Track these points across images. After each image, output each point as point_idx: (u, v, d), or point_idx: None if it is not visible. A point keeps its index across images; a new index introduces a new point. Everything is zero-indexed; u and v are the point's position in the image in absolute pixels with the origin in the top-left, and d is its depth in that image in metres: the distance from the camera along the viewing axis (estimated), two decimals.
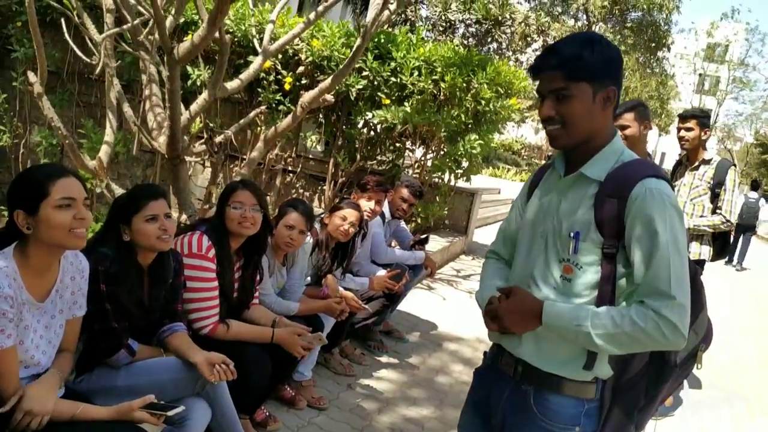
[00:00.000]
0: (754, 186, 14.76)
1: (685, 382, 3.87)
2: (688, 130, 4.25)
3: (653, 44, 24.97)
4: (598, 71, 1.56)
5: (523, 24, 16.03)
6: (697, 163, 4.31)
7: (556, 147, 1.66)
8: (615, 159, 1.60)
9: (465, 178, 7.32)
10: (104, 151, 4.16)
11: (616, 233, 1.54)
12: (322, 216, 3.85)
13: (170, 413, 2.04)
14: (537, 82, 1.65)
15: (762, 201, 14.98)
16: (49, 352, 2.02)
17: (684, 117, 4.31)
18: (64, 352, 2.11)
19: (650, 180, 1.53)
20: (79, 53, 3.90)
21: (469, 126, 6.73)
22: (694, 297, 1.67)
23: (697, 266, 1.78)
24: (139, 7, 3.77)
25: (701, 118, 4.30)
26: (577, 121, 1.58)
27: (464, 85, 6.43)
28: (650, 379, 1.68)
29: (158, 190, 2.44)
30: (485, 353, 1.90)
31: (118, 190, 4.10)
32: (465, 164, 7.11)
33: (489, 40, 16.19)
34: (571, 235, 1.59)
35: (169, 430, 2.20)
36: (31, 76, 3.56)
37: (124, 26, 3.84)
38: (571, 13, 25.09)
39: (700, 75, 44.63)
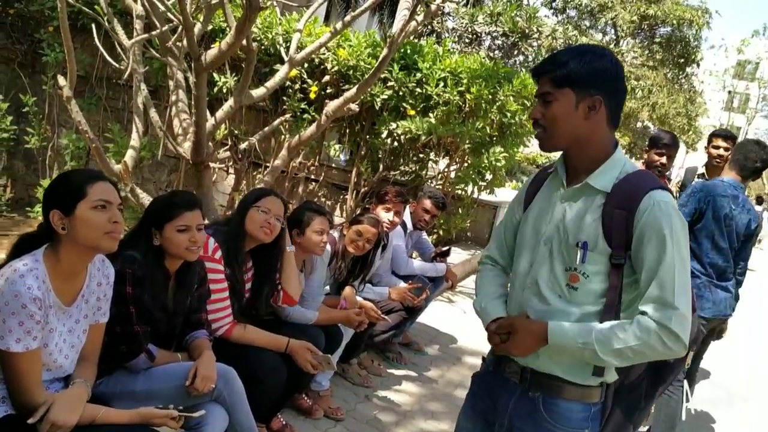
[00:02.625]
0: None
1: (688, 392, 3.86)
2: (726, 150, 4.32)
3: (682, 60, 24.65)
4: (583, 80, 1.60)
5: (550, 37, 15.93)
6: None
7: (543, 149, 1.73)
8: (618, 170, 1.64)
9: (489, 190, 7.28)
10: (130, 156, 4.18)
11: (623, 244, 1.58)
12: (342, 225, 3.83)
13: (195, 415, 2.12)
14: None
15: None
16: (71, 357, 2.02)
17: (726, 137, 4.39)
18: (87, 361, 2.11)
19: (657, 192, 1.57)
20: (108, 58, 3.93)
21: (494, 138, 6.70)
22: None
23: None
24: (169, 14, 3.80)
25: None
26: (557, 124, 1.64)
27: (490, 97, 6.39)
28: (649, 381, 1.75)
29: (195, 201, 2.46)
30: (483, 358, 1.91)
31: (143, 195, 4.12)
32: (489, 177, 7.07)
33: (515, 52, 16.12)
34: (579, 244, 1.62)
35: None
36: (61, 80, 3.60)
37: (153, 32, 3.87)
38: (600, 27, 24.89)
39: (729, 92, 44.06)
